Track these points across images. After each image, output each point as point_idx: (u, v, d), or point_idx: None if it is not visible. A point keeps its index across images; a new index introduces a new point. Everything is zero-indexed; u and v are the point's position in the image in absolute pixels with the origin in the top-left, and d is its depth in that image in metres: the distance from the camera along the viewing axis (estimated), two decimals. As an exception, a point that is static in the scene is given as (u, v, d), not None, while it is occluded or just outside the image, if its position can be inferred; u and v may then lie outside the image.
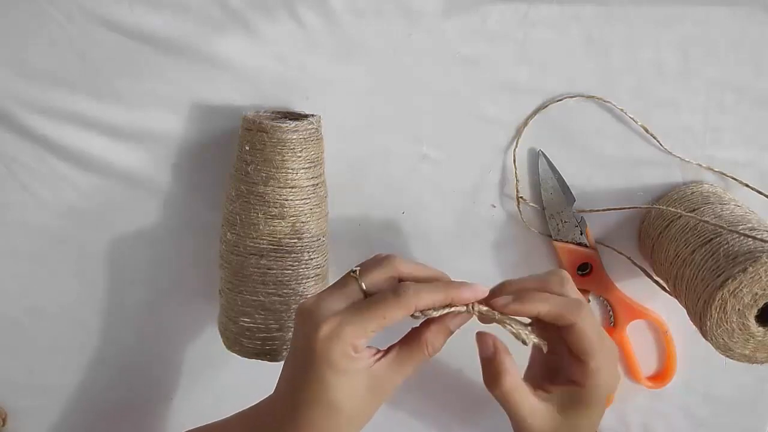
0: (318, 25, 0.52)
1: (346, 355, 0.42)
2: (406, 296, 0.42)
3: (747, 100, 0.56)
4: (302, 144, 0.50)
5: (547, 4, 0.53)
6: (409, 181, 0.57)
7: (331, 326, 0.42)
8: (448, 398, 0.64)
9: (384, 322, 0.42)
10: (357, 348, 0.42)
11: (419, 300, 0.43)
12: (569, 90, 0.56)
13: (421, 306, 0.43)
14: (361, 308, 0.43)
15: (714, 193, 0.56)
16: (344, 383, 0.42)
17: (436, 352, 0.45)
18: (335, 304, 0.43)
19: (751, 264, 0.46)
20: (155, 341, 0.59)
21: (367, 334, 0.42)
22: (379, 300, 0.43)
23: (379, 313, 0.42)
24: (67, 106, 0.52)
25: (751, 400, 0.64)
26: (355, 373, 0.42)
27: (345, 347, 0.41)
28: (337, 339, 0.41)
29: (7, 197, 0.54)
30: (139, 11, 0.51)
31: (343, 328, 0.42)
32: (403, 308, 0.42)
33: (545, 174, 0.57)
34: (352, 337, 0.42)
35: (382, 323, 0.42)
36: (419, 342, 0.44)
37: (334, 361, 0.41)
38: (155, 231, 0.56)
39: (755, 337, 0.49)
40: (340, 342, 0.41)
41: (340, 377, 0.42)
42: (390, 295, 0.43)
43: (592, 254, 0.58)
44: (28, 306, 0.57)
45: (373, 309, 0.42)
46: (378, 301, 0.43)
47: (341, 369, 0.42)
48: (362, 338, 0.42)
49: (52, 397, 0.60)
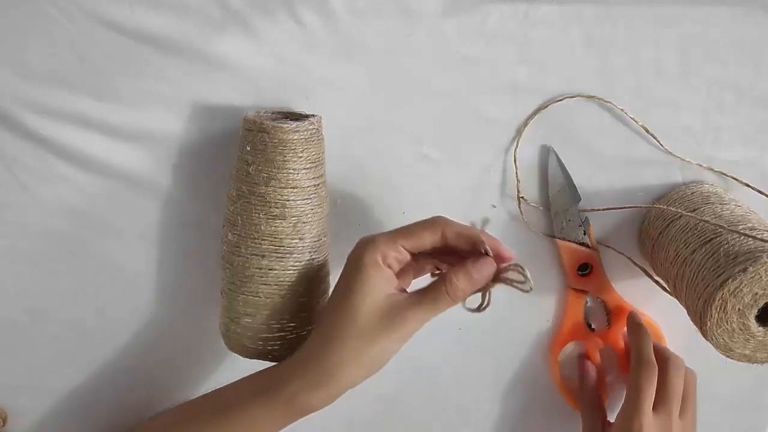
0: (318, 25, 0.52)
1: (374, 260, 0.47)
2: (436, 219, 0.48)
3: (747, 100, 0.57)
4: (303, 144, 0.50)
5: (547, 4, 0.53)
6: (409, 181, 0.57)
7: (369, 237, 0.48)
8: (449, 398, 0.64)
9: (413, 240, 0.47)
10: (386, 258, 0.47)
11: (447, 226, 0.48)
12: (569, 90, 0.56)
13: (449, 233, 0.47)
14: (397, 228, 0.49)
15: (714, 193, 0.56)
16: (365, 291, 0.46)
17: (456, 293, 0.47)
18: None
19: (752, 264, 0.46)
20: (156, 342, 0.59)
21: (396, 246, 0.47)
22: (413, 223, 0.49)
23: (410, 229, 0.48)
24: (67, 106, 0.52)
25: (751, 400, 0.64)
26: (378, 285, 0.47)
27: (374, 253, 0.47)
28: (370, 244, 0.47)
29: (7, 197, 0.54)
30: (139, 11, 0.51)
31: (376, 237, 0.48)
32: (431, 228, 0.48)
33: (554, 171, 0.57)
34: (383, 245, 0.47)
35: (410, 239, 0.47)
36: (440, 278, 0.48)
37: (364, 264, 0.47)
38: (155, 231, 0.56)
39: (755, 337, 0.49)
40: (372, 246, 0.47)
41: (364, 283, 0.47)
42: (423, 220, 0.48)
43: (593, 255, 0.59)
44: (28, 306, 0.57)
45: (406, 227, 0.48)
46: (410, 224, 0.49)
47: (367, 274, 0.47)
48: (391, 249, 0.47)
49: (52, 397, 0.60)
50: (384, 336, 0.46)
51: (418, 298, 0.47)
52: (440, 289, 0.47)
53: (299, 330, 0.52)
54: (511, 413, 0.65)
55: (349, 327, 0.46)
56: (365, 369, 0.47)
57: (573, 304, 0.60)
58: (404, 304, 0.47)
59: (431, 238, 0.48)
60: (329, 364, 0.46)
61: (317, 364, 0.47)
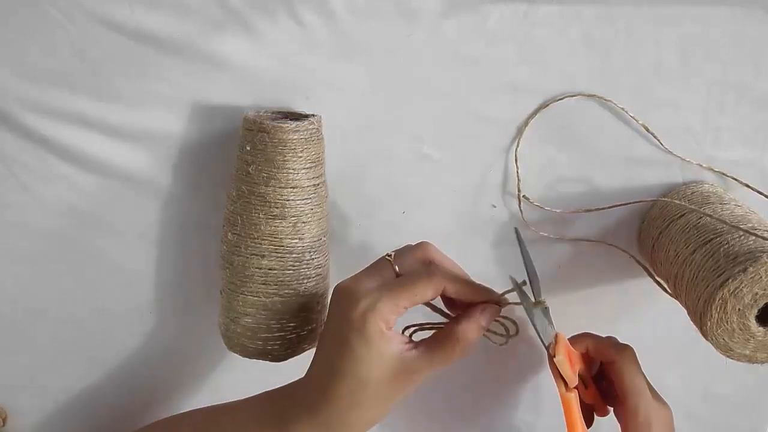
0: (318, 25, 0.52)
1: (379, 330, 0.44)
2: (437, 274, 0.46)
3: (747, 100, 0.57)
4: (303, 144, 0.50)
5: (547, 4, 0.53)
6: (409, 181, 0.57)
7: (368, 301, 0.44)
8: (448, 398, 0.64)
9: (415, 299, 0.45)
10: (389, 323, 0.44)
11: (448, 280, 0.46)
12: (569, 89, 0.56)
13: (450, 288, 0.46)
14: (394, 285, 0.45)
15: (714, 193, 0.56)
16: (375, 359, 0.44)
17: (467, 347, 0.46)
18: (371, 284, 0.46)
19: (752, 264, 0.46)
20: (156, 342, 0.59)
21: (399, 310, 0.45)
22: (411, 277, 0.46)
23: (411, 288, 0.45)
24: (67, 106, 0.52)
25: (751, 400, 0.64)
26: (387, 351, 0.44)
27: (379, 322, 0.44)
28: (372, 312, 0.44)
29: (7, 197, 0.54)
30: (139, 11, 0.51)
31: (377, 302, 0.44)
32: (433, 286, 0.45)
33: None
34: (386, 312, 0.44)
35: (414, 299, 0.45)
36: (450, 333, 0.46)
37: (369, 334, 0.44)
38: (155, 231, 0.56)
39: (755, 337, 0.49)
40: (375, 315, 0.44)
41: (372, 353, 0.44)
42: (422, 273, 0.46)
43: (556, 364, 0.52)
44: (28, 306, 0.57)
45: (406, 285, 0.45)
46: (410, 278, 0.46)
47: (374, 344, 0.44)
48: (395, 313, 0.45)
49: (52, 397, 0.60)
50: (395, 395, 0.46)
51: (428, 355, 0.46)
52: (451, 345, 0.46)
53: (299, 330, 0.52)
54: (511, 413, 0.65)
55: (360, 395, 0.45)
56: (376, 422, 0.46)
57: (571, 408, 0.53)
58: (415, 364, 0.45)
59: (433, 295, 0.46)
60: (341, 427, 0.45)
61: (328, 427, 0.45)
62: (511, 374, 0.64)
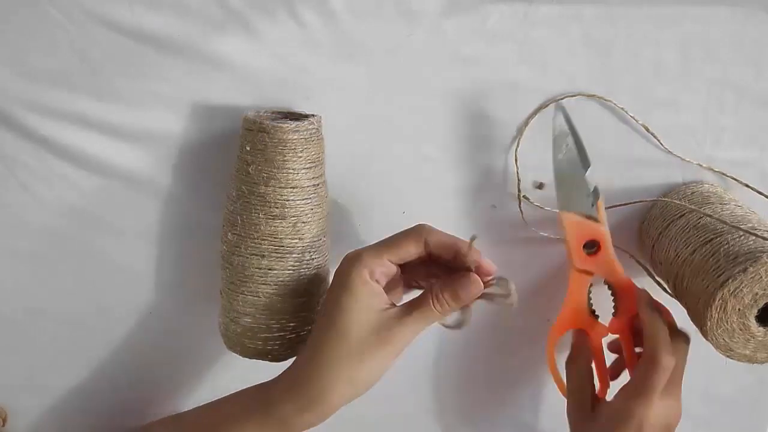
0: (318, 25, 0.52)
1: (361, 278, 0.46)
2: (419, 228, 0.48)
3: (747, 100, 0.57)
4: (303, 144, 0.50)
5: (547, 4, 0.53)
6: (409, 181, 0.57)
7: (354, 253, 0.48)
8: (448, 398, 0.64)
9: (398, 252, 0.48)
10: (373, 274, 0.47)
11: (430, 234, 0.48)
12: (570, 89, 0.56)
13: (432, 241, 0.48)
14: (380, 241, 0.49)
15: (714, 193, 0.56)
16: (354, 308, 0.46)
17: (445, 311, 0.47)
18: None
19: (752, 264, 0.47)
20: (156, 341, 0.59)
21: (382, 261, 0.47)
22: (396, 234, 0.49)
23: (393, 240, 0.48)
24: (67, 106, 0.52)
25: (751, 400, 0.64)
26: (368, 303, 0.47)
27: (361, 269, 0.47)
28: (356, 260, 0.47)
29: (7, 197, 0.54)
30: (139, 11, 0.51)
31: (362, 252, 0.48)
32: (414, 237, 0.48)
33: (561, 131, 0.51)
34: (368, 259, 0.47)
35: (397, 253, 0.48)
36: (427, 292, 0.48)
37: (351, 280, 0.47)
38: (155, 231, 0.56)
39: (756, 338, 0.49)
40: (358, 263, 0.47)
41: (352, 301, 0.46)
42: (406, 230, 0.49)
43: (601, 231, 0.52)
44: (28, 306, 0.57)
45: (389, 239, 0.49)
46: (394, 235, 0.49)
47: (355, 291, 0.46)
48: (378, 265, 0.47)
49: (52, 397, 0.60)
50: (375, 353, 0.46)
51: (408, 311, 0.47)
52: (428, 302, 0.47)
53: (299, 330, 0.52)
54: (511, 413, 0.65)
55: (339, 347, 0.46)
56: (358, 388, 0.47)
57: (576, 287, 0.54)
58: (394, 319, 0.47)
59: (415, 249, 0.48)
60: (321, 386, 0.46)
61: (309, 386, 0.46)
62: (511, 374, 0.64)
